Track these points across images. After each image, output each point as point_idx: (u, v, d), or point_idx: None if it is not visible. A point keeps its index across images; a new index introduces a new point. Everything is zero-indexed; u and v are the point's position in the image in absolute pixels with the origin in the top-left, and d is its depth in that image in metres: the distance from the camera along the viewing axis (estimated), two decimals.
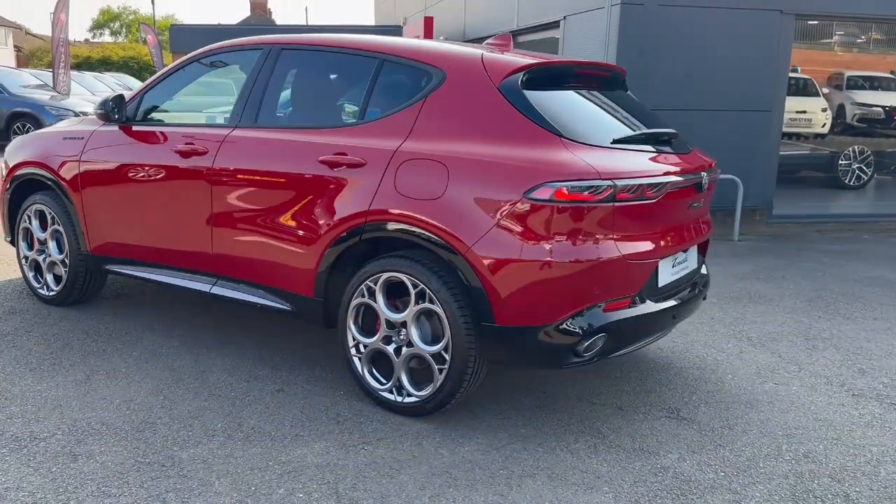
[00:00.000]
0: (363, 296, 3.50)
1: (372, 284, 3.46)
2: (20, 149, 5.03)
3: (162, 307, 4.96)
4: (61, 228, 4.74)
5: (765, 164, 8.83)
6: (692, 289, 3.80)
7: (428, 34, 15.38)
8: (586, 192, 3.04)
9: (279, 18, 68.37)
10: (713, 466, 3.16)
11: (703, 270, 4.01)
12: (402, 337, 3.43)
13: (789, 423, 3.61)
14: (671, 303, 3.52)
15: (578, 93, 3.65)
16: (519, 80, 3.33)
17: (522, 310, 3.15)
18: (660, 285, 3.46)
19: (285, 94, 4.01)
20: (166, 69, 4.48)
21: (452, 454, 3.17)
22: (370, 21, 30.24)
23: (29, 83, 15.91)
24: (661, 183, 3.27)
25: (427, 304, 3.31)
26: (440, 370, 3.33)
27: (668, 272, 3.52)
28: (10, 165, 5.01)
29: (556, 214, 3.05)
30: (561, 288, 3.11)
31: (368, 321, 3.55)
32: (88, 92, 17.66)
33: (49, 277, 4.93)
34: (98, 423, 3.34)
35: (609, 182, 3.07)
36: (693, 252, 3.80)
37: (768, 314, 5.42)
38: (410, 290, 3.34)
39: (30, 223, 4.94)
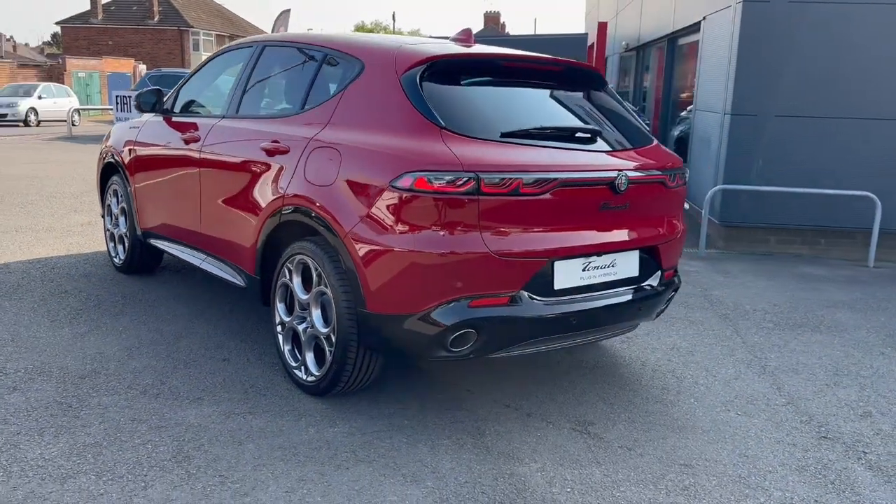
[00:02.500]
0: (285, 276, 3.69)
1: (290, 265, 3.64)
2: (111, 134, 5.83)
3: (204, 281, 5.49)
4: (125, 205, 5.46)
5: None
6: (632, 297, 3.53)
7: (601, 39, 15.08)
8: (446, 183, 2.99)
9: (511, 30, 69.86)
10: (568, 482, 2.94)
11: (654, 281, 3.68)
12: (310, 318, 3.57)
13: (705, 454, 3.23)
14: (573, 308, 3.30)
15: (506, 86, 3.55)
16: (420, 72, 3.33)
17: (388, 298, 3.16)
18: (556, 288, 3.27)
19: (259, 86, 4.31)
20: (197, 65, 4.99)
21: (318, 433, 3.26)
22: (581, 29, 30.04)
23: None
24: (544, 179, 3.10)
25: (322, 287, 3.43)
26: (329, 352, 3.43)
27: (572, 275, 3.31)
28: (102, 149, 5.84)
29: (416, 204, 3.03)
30: (421, 278, 3.07)
31: (293, 301, 3.73)
32: None
33: (120, 248, 5.68)
34: (58, 367, 3.86)
35: (471, 174, 2.99)
36: (628, 258, 3.52)
37: (818, 345, 4.78)
38: (313, 272, 3.48)
39: (110, 200, 5.73)
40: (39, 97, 25.31)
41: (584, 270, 3.35)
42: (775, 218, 7.85)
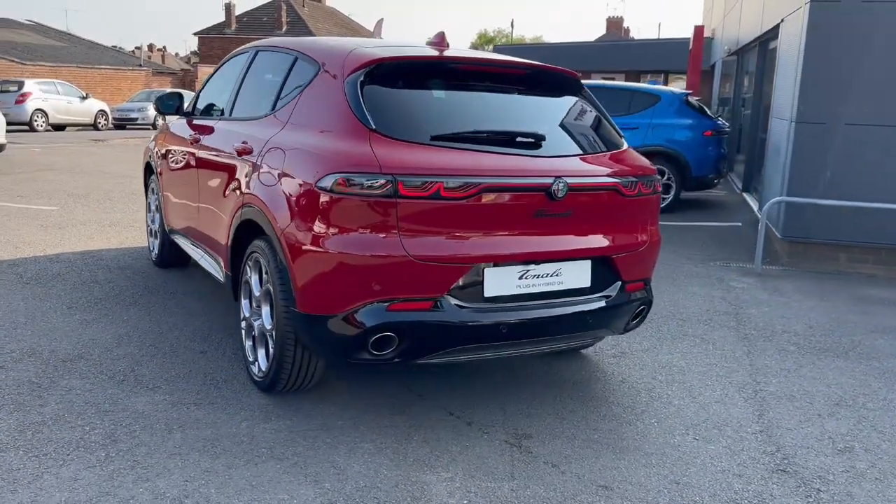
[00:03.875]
0: (247, 273, 3.80)
1: (249, 263, 3.74)
2: (154, 136, 6.19)
3: None
4: (158, 202, 5.78)
5: None
6: (582, 308, 3.38)
7: (697, 44, 14.50)
8: (364, 185, 2.99)
9: (636, 34, 68.00)
10: (470, 494, 2.86)
11: (611, 293, 3.50)
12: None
13: (633, 477, 3.04)
14: (504, 317, 3.20)
15: (457, 90, 3.50)
16: (364, 74, 3.33)
17: (312, 298, 3.18)
18: (487, 295, 3.18)
19: (247, 89, 4.44)
20: (213, 70, 5.21)
21: (248, 427, 3.33)
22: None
23: None
24: (468, 184, 3.03)
25: (269, 285, 3.50)
26: (273, 348, 3.49)
27: (506, 283, 3.21)
28: (145, 149, 6.21)
29: (337, 205, 3.04)
30: (339, 279, 3.08)
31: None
32: None
33: (156, 243, 6.01)
34: (50, 350, 4.13)
35: (389, 176, 2.97)
36: (576, 268, 3.37)
37: (835, 372, 4.40)
38: (263, 269, 3.56)
39: (150, 197, 6.08)
40: None
41: (521, 279, 3.25)
42: (845, 234, 7.26)
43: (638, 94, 10.40)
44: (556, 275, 3.33)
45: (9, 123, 22.43)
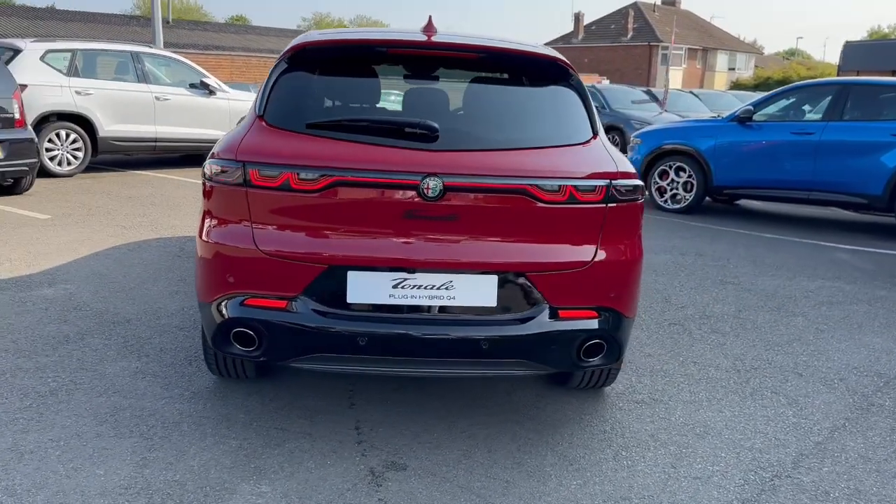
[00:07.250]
0: None
1: None
2: None
3: None
4: None
5: None
6: (476, 332, 2.87)
7: None
8: (221, 172, 2.90)
9: None
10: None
11: (532, 315, 2.88)
12: None
13: None
14: (363, 328, 2.83)
15: (382, 76, 3.20)
16: (287, 59, 3.21)
17: (196, 284, 3.18)
18: (350, 301, 2.85)
19: None
20: None
21: (165, 405, 3.42)
22: None
23: (639, 98, 17.72)
24: (319, 176, 2.76)
25: None
26: None
27: (376, 290, 2.84)
28: None
29: (210, 192, 3.01)
30: (203, 268, 3.04)
31: None
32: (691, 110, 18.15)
33: None
34: (114, 311, 4.67)
35: (239, 164, 2.84)
36: (476, 282, 2.85)
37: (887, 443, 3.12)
38: None
39: None
40: None
41: (396, 287, 2.86)
42: None
43: None
44: (446, 288, 2.85)
45: None
